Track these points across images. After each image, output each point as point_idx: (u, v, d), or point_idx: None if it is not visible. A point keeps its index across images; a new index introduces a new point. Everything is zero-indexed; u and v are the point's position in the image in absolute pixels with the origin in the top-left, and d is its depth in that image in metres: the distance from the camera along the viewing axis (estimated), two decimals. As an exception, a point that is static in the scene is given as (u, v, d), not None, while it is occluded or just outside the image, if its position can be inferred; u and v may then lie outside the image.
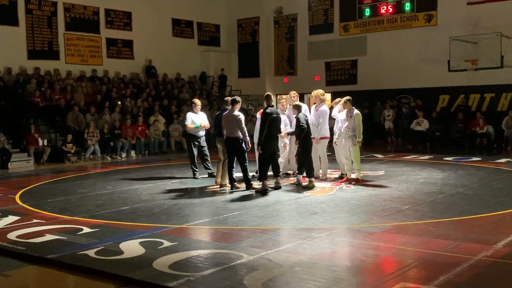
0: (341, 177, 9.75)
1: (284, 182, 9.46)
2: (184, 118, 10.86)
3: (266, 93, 8.95)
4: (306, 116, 9.20)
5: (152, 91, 18.96)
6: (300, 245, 5.51)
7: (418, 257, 5.01)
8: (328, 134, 9.74)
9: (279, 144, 9.37)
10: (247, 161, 8.97)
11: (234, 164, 8.99)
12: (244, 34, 22.62)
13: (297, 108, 9.23)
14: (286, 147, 9.81)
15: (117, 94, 17.77)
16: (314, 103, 9.95)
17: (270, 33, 22.01)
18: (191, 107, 10.92)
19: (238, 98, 9.13)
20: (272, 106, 8.78)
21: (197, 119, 10.44)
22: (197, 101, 10.80)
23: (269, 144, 8.72)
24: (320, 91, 9.88)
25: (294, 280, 4.46)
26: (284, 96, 10.75)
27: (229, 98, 9.71)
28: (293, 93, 10.27)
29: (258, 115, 9.50)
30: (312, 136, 9.41)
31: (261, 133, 8.75)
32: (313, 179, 9.08)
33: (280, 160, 9.65)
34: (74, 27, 18.13)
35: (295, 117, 9.21)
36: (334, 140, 9.76)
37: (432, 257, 5.02)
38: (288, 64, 21.73)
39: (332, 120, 9.84)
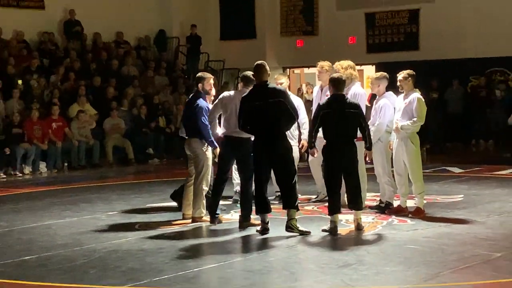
0: (381, 207, 9.84)
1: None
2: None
3: (258, 62, 8.84)
4: None
5: (76, 62, 19.01)
6: (320, 319, 5.57)
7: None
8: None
9: None
10: (252, 179, 9.03)
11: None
12: (230, -33, 22.79)
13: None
14: None
15: (17, 67, 17.81)
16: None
17: (273, -34, 22.23)
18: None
19: (248, 73, 9.12)
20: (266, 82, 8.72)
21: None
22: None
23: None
24: (345, 62, 9.94)
25: None
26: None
27: (204, 74, 9.74)
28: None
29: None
30: None
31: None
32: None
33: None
34: None
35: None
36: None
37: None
38: (303, 17, 21.87)
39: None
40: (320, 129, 8.74)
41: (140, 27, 21.60)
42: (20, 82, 17.43)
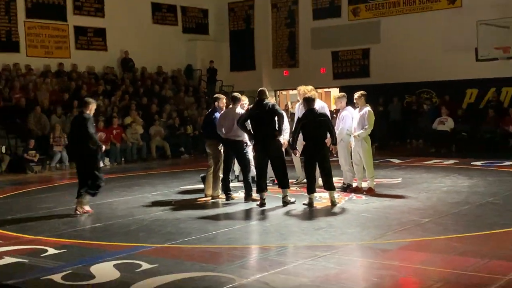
0: (344, 187, 9.80)
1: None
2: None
3: (260, 89, 9.02)
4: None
5: (129, 87, 19.02)
6: (301, 266, 5.56)
7: (439, 278, 5.06)
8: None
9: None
10: (250, 167, 9.10)
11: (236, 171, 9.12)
12: (237, 20, 22.72)
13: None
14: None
15: (88, 92, 17.78)
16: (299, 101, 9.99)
17: (267, 19, 22.12)
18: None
19: (239, 95, 9.32)
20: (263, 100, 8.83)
21: None
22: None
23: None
24: (309, 87, 9.98)
25: (294, 306, 4.52)
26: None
27: (219, 95, 9.84)
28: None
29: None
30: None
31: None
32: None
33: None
34: (36, 14, 18.18)
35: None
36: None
37: (455, 277, 5.08)
38: (288, 54, 21.83)
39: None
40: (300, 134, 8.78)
41: (174, 62, 21.55)
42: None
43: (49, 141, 15.10)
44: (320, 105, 9.81)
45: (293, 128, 8.92)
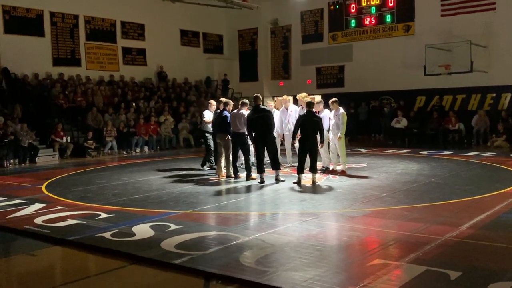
0: (323, 169, 9.74)
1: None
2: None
3: (255, 94, 9.01)
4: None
5: (163, 93, 18.98)
6: (290, 228, 5.56)
7: (393, 238, 5.07)
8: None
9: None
10: (250, 153, 9.06)
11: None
12: (244, 43, 22.61)
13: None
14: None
15: (132, 97, 17.79)
16: (301, 105, 9.99)
17: (267, 42, 21.98)
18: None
19: (244, 100, 9.29)
20: (259, 105, 8.80)
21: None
22: (213, 102, 10.45)
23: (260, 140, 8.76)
24: (303, 94, 9.94)
25: (283, 258, 4.52)
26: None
27: (222, 99, 9.72)
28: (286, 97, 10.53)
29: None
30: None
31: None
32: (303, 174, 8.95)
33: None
34: (93, 38, 18.15)
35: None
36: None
37: (405, 237, 5.08)
38: (283, 69, 21.73)
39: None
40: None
41: (197, 75, 21.48)
42: (133, 104, 17.40)
43: (103, 133, 15.11)
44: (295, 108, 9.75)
45: (295, 123, 8.80)
